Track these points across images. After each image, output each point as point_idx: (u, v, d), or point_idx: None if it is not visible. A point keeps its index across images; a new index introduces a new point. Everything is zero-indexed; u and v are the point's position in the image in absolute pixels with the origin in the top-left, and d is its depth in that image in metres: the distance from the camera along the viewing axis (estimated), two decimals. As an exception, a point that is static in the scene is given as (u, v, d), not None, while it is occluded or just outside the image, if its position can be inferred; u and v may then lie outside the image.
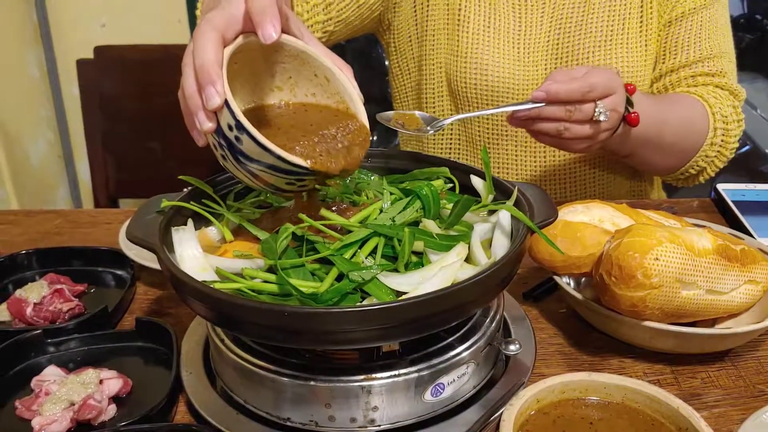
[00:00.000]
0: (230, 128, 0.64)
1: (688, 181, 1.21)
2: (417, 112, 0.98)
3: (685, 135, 1.14)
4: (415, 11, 1.27)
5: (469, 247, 0.71)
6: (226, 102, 0.63)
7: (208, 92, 0.63)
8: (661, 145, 1.10)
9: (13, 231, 1.16)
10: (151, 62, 1.70)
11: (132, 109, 1.74)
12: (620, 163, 1.27)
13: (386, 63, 1.40)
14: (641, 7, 1.19)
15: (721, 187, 1.18)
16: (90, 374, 0.76)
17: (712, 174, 1.20)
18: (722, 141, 1.15)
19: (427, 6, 1.25)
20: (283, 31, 0.69)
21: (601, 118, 0.91)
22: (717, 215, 1.16)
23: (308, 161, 0.66)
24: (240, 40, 0.68)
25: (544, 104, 0.91)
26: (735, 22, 1.17)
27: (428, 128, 0.95)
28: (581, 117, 0.91)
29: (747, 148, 3.00)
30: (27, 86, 2.24)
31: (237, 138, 0.64)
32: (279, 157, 0.63)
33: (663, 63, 1.22)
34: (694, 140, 1.14)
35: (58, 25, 2.27)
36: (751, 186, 1.19)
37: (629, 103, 0.98)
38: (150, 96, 1.71)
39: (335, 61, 0.72)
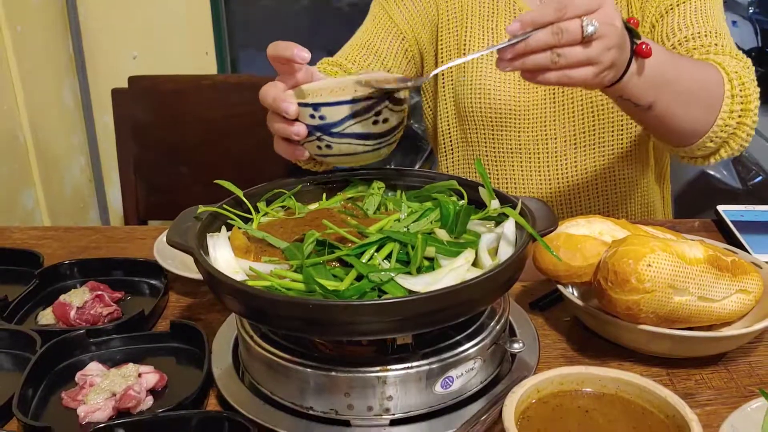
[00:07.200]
0: (312, 117, 0.82)
1: (715, 155, 1.10)
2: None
3: (702, 78, 1.04)
4: (435, 55, 1.39)
5: (476, 254, 0.77)
6: (299, 103, 0.82)
7: (284, 107, 0.82)
8: (681, 90, 1.00)
9: (54, 245, 1.24)
10: (182, 92, 1.80)
11: (163, 136, 1.83)
12: (629, 179, 1.34)
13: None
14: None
15: (721, 208, 1.24)
16: (130, 368, 0.83)
17: (741, 144, 1.08)
18: (742, 95, 1.05)
19: (441, 47, 1.36)
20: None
21: (589, 29, 0.81)
22: (717, 234, 1.21)
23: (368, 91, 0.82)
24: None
25: (527, 35, 0.81)
26: (747, 55, 1.17)
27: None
28: (570, 38, 0.81)
29: (759, 179, 3.05)
30: (63, 114, 2.35)
31: (321, 117, 0.81)
32: (347, 101, 0.80)
33: None
34: (713, 88, 1.04)
35: (92, 57, 2.40)
36: (750, 207, 1.25)
37: (635, 35, 0.91)
38: (180, 123, 1.81)
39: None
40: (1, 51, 2.05)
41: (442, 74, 1.37)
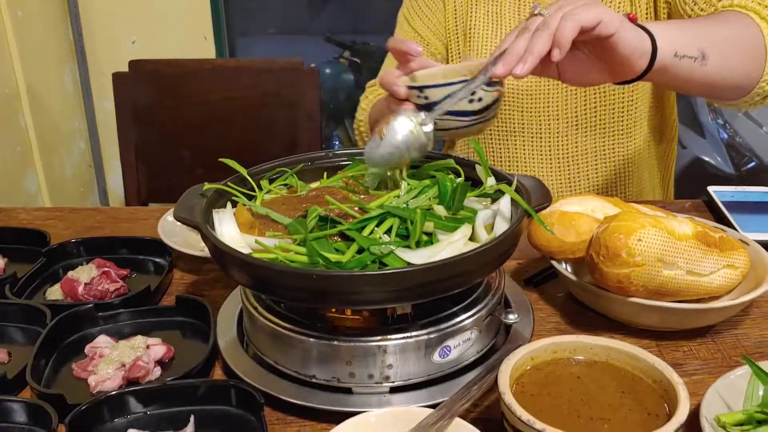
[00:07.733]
0: (418, 97, 0.93)
1: None
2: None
3: (733, 22, 1.03)
4: (447, 49, 1.43)
5: (473, 229, 0.80)
6: (408, 87, 0.93)
7: (395, 90, 0.95)
8: (719, 37, 0.99)
9: (60, 225, 1.27)
10: (183, 75, 1.82)
11: (164, 119, 1.85)
12: (630, 160, 1.36)
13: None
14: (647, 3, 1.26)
15: (712, 189, 1.27)
16: (138, 340, 0.86)
17: None
18: None
19: (448, 35, 1.40)
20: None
21: (538, 9, 0.84)
22: (708, 214, 1.24)
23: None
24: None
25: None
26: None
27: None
28: (532, 23, 0.83)
29: (753, 164, 3.08)
30: (63, 100, 2.37)
31: (426, 97, 0.92)
32: (445, 84, 0.90)
33: None
34: (748, 27, 1.02)
35: (92, 42, 2.41)
36: (740, 188, 1.28)
37: None
38: (181, 107, 1.83)
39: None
40: (2, 36, 2.06)
41: (450, 56, 1.40)
